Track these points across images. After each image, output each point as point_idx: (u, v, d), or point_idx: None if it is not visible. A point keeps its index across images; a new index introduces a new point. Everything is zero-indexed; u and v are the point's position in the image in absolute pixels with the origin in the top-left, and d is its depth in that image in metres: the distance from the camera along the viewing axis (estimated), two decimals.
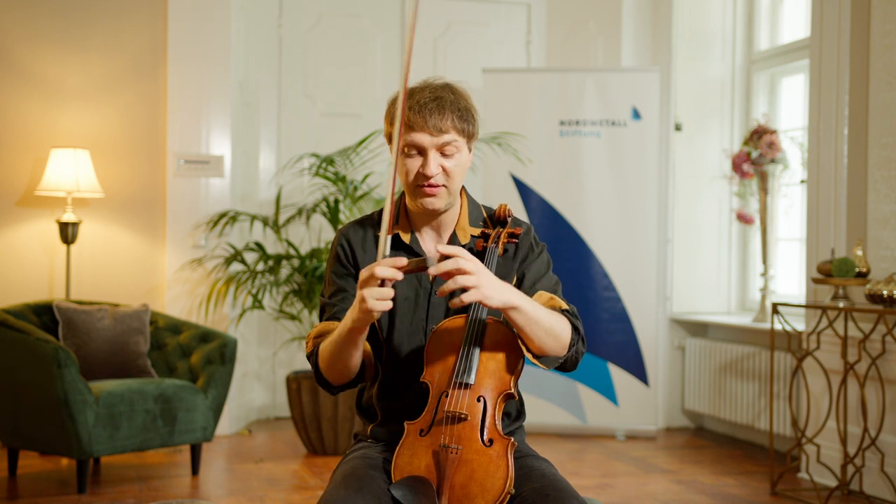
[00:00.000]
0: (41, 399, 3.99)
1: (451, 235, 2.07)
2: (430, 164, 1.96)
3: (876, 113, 4.18)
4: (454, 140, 1.97)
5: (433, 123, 1.95)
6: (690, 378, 5.57)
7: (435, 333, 1.95)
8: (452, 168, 1.98)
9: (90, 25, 5.17)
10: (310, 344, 2.05)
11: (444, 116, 1.96)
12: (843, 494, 4.09)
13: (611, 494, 4.11)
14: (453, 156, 1.98)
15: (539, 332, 1.87)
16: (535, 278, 2.04)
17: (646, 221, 5.34)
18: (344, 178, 5.05)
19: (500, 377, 1.91)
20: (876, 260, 4.16)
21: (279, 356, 5.81)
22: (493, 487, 1.83)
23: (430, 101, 1.96)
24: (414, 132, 1.96)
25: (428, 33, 6.06)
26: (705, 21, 5.69)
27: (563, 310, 1.99)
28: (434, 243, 2.07)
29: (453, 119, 1.97)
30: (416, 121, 1.95)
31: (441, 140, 1.96)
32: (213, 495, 4.08)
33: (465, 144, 2.01)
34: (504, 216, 2.06)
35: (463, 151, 2.01)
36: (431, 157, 1.96)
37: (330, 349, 1.94)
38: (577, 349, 1.98)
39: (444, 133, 1.96)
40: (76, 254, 5.08)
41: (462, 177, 2.01)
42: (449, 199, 2.01)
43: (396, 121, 1.84)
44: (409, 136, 1.96)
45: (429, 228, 2.07)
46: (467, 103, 2.01)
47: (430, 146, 1.96)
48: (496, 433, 1.87)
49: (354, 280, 2.06)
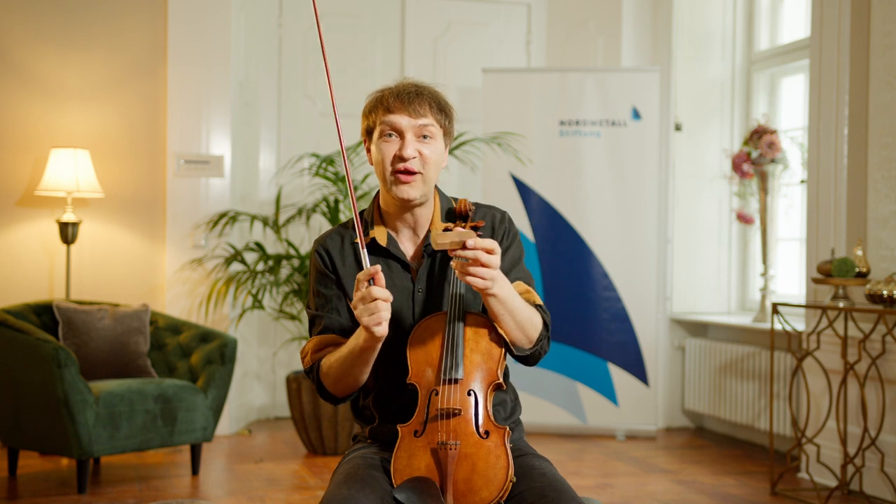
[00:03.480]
0: (41, 399, 3.99)
1: (426, 233, 2.07)
2: (408, 145, 1.97)
3: (876, 113, 4.18)
4: (432, 124, 2.00)
5: (413, 108, 1.98)
6: (690, 378, 5.57)
7: (415, 333, 1.96)
8: (429, 155, 1.99)
9: (90, 25, 5.17)
10: (307, 359, 2.05)
11: (423, 102, 2.00)
12: (843, 494, 4.09)
13: (611, 494, 4.11)
14: (430, 142, 2.00)
15: (510, 323, 1.91)
16: (510, 266, 2.06)
17: (646, 221, 5.34)
18: (344, 178, 5.05)
19: (486, 368, 1.93)
20: (876, 260, 4.16)
21: (279, 356, 5.82)
22: (496, 478, 1.84)
23: (410, 89, 2.01)
24: (393, 114, 1.99)
25: (428, 33, 6.06)
26: (705, 21, 5.69)
27: (537, 305, 2.01)
28: (412, 244, 2.08)
29: (432, 106, 2.00)
30: (396, 104, 1.99)
31: (419, 122, 1.98)
32: (213, 495, 4.08)
33: (441, 135, 2.03)
34: (465, 211, 2.06)
35: (439, 141, 2.03)
36: (409, 139, 1.98)
37: (339, 367, 1.96)
38: (542, 346, 2.01)
39: (422, 116, 1.99)
40: (76, 254, 5.08)
41: (437, 169, 2.03)
42: (424, 190, 2.01)
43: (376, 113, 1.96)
44: (387, 118, 1.99)
45: (405, 228, 2.07)
46: (446, 101, 2.05)
47: (408, 128, 1.98)
48: (490, 424, 1.90)
49: (338, 288, 2.06)
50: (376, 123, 2.02)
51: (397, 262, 2.05)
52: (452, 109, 2.06)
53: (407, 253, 2.07)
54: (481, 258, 1.78)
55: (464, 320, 1.95)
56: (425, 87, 2.03)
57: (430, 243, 2.05)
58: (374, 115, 2.02)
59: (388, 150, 1.99)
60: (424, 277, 2.04)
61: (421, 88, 2.02)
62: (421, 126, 1.99)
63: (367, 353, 1.90)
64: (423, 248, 2.06)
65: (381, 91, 2.04)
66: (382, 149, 2.00)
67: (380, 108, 2.01)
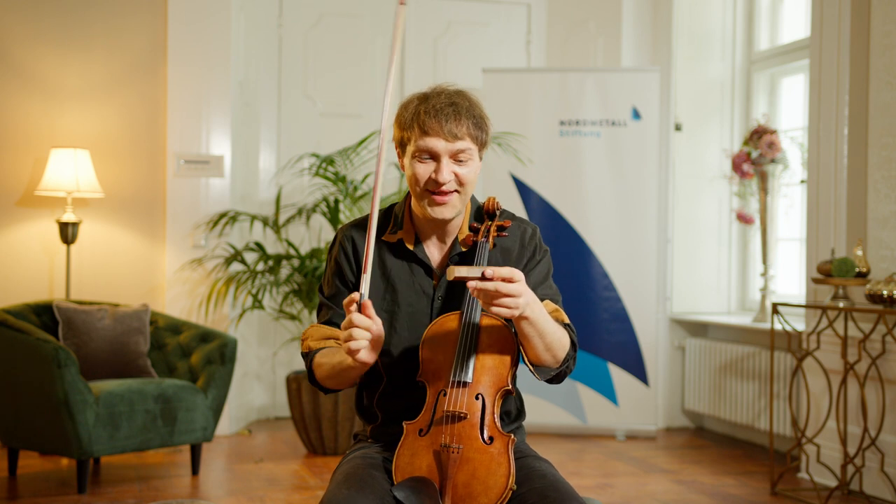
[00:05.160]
0: (41, 399, 3.99)
1: (453, 240, 2.06)
2: (444, 170, 1.93)
3: (876, 113, 4.18)
4: (468, 147, 1.95)
5: (449, 129, 1.92)
6: (690, 378, 5.57)
7: (429, 332, 1.94)
8: (465, 175, 1.96)
9: (90, 25, 5.17)
10: (305, 345, 2.05)
11: (461, 123, 1.93)
12: (843, 494, 4.09)
13: (611, 494, 4.11)
14: (466, 163, 1.96)
15: (540, 345, 1.86)
16: (536, 283, 2.03)
17: (646, 221, 5.34)
18: (344, 178, 5.05)
19: (497, 374, 1.91)
20: (876, 260, 4.16)
21: (279, 356, 5.81)
22: (495, 485, 1.83)
23: (446, 107, 1.93)
24: (429, 137, 1.93)
25: (428, 33, 6.06)
26: (705, 21, 5.69)
27: (565, 324, 1.98)
28: (438, 250, 2.06)
29: (469, 126, 1.94)
30: (432, 125, 1.92)
31: (455, 147, 1.94)
32: (213, 495, 4.08)
33: (477, 153, 1.99)
34: (492, 209, 2.05)
35: (475, 159, 1.99)
36: (444, 163, 1.94)
37: (329, 370, 1.96)
38: (567, 366, 1.98)
39: (458, 139, 1.93)
40: (76, 254, 5.08)
41: (473, 185, 1.99)
42: (460, 208, 1.99)
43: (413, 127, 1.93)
44: (423, 141, 1.93)
45: (433, 233, 2.05)
46: (481, 112, 1.99)
47: (444, 152, 1.94)
48: (496, 430, 1.88)
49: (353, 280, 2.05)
50: (411, 141, 1.96)
51: (421, 266, 2.04)
52: (488, 120, 2.00)
53: (432, 258, 2.05)
54: (501, 289, 1.72)
55: (479, 322, 1.92)
56: (461, 100, 1.96)
57: (455, 253, 2.03)
58: (410, 133, 1.96)
59: (422, 171, 1.95)
60: (445, 285, 2.02)
61: (458, 105, 1.94)
62: (457, 151, 1.94)
63: (353, 371, 1.89)
64: (448, 256, 2.04)
65: (417, 104, 1.96)
66: (417, 169, 1.95)
67: (415, 128, 1.94)
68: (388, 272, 2.04)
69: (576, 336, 2.00)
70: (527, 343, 1.86)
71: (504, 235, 2.03)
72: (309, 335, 2.05)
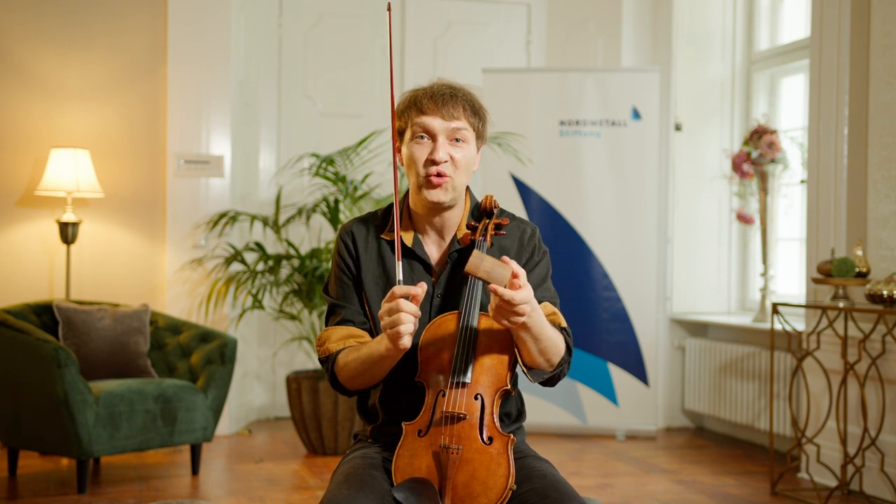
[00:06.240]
0: (41, 399, 3.99)
1: (452, 237, 2.06)
2: (440, 149, 1.96)
3: (876, 113, 4.18)
4: (465, 128, 1.98)
5: (446, 110, 1.97)
6: (690, 378, 5.57)
7: (428, 332, 1.95)
8: (460, 159, 1.98)
9: (90, 25, 5.17)
10: (325, 348, 2.03)
11: (457, 104, 1.98)
12: (843, 494, 4.09)
13: (611, 494, 4.11)
14: (462, 146, 1.98)
15: (535, 349, 1.87)
16: (535, 285, 2.02)
17: (646, 221, 5.34)
18: (344, 178, 5.05)
19: (495, 374, 1.91)
20: (876, 260, 4.16)
21: (279, 356, 5.81)
22: (495, 485, 1.83)
23: (445, 90, 1.99)
24: (426, 115, 1.97)
25: (428, 33, 6.06)
26: (705, 21, 5.69)
27: (562, 328, 1.99)
28: (437, 247, 2.06)
29: (466, 109, 1.99)
30: (429, 106, 1.97)
31: (452, 125, 1.97)
32: (213, 495, 4.08)
33: (473, 139, 2.02)
34: (490, 207, 2.05)
35: (471, 145, 2.01)
36: (441, 142, 1.97)
37: (356, 367, 1.95)
38: (561, 370, 1.98)
39: (455, 119, 1.97)
40: (76, 254, 5.08)
41: (468, 173, 2.01)
42: (454, 194, 2.00)
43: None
44: (420, 119, 1.97)
45: (432, 230, 2.06)
46: (479, 102, 2.04)
47: (441, 131, 1.97)
48: (495, 431, 1.88)
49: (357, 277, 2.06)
50: (408, 124, 2.00)
51: (420, 263, 2.04)
52: (486, 112, 2.05)
53: (431, 256, 2.05)
54: (516, 310, 1.76)
55: (477, 323, 1.92)
56: (459, 88, 2.01)
57: (454, 251, 2.04)
58: (407, 116, 2.00)
59: (419, 152, 1.98)
60: (444, 282, 2.03)
61: (455, 90, 2.00)
62: (454, 129, 1.97)
63: (386, 360, 1.90)
64: (447, 253, 2.05)
65: (415, 91, 2.02)
66: (414, 151, 1.98)
67: (413, 110, 1.99)
68: (388, 270, 2.05)
69: (572, 340, 2.00)
70: (521, 346, 1.87)
71: (502, 234, 2.03)
72: (326, 338, 2.04)
